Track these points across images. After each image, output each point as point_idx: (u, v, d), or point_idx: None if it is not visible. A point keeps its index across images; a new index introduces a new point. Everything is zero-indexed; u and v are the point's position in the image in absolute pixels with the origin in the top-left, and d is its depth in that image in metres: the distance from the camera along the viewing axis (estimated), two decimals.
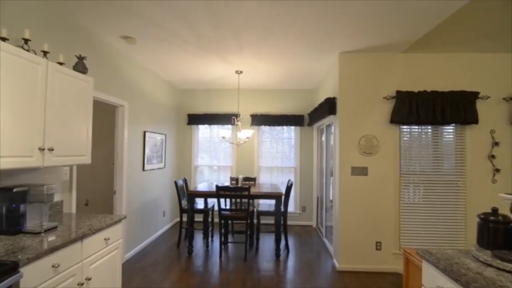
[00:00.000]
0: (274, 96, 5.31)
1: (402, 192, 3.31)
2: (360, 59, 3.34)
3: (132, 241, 3.65)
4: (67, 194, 2.49)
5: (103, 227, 2.01)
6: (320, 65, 3.85)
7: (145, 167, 3.97)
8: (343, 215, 3.30)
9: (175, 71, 4.22)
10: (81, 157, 2.22)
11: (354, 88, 3.32)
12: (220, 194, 3.52)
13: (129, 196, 3.59)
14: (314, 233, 4.79)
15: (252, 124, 5.20)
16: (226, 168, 5.39)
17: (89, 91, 2.29)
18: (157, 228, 4.46)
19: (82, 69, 2.28)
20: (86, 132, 2.27)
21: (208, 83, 4.94)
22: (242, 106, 5.32)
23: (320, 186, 4.95)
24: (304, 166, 5.26)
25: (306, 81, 4.72)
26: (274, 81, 4.77)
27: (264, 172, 5.32)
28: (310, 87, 5.18)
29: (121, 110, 3.43)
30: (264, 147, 5.34)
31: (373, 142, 3.28)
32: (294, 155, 5.31)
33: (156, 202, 4.43)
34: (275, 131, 5.35)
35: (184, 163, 5.41)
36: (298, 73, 4.25)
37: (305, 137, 5.27)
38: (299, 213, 5.26)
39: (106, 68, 3.06)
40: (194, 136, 5.43)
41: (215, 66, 3.92)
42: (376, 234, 3.28)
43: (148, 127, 4.10)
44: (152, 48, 3.29)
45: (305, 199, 5.26)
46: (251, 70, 4.13)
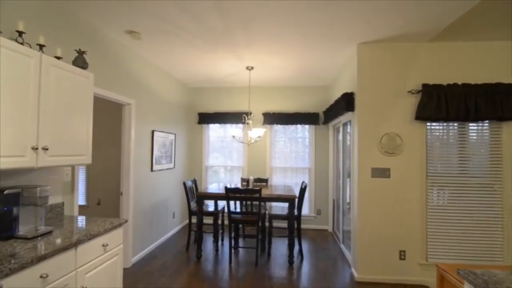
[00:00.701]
0: (287, 93, 5.07)
1: (429, 196, 2.99)
2: (381, 50, 3.05)
3: (140, 244, 3.54)
4: (68, 195, 2.38)
5: (100, 233, 1.87)
6: (336, 59, 3.59)
7: (153, 168, 3.85)
8: (362, 220, 3.02)
9: (184, 68, 4.09)
10: (80, 157, 2.09)
11: (375, 81, 3.04)
12: (230, 196, 3.34)
13: (137, 197, 3.47)
14: (330, 238, 4.51)
15: (264, 123, 4.99)
16: (237, 169, 5.21)
17: (89, 87, 2.17)
18: (167, 230, 4.34)
19: (82, 64, 2.16)
20: (86, 130, 2.15)
21: (219, 80, 4.78)
22: (254, 104, 5.13)
23: (337, 188, 4.67)
24: (319, 166, 4.99)
25: (321, 76, 4.46)
26: (287, 78, 4.54)
27: (277, 173, 5.10)
28: (325, 84, 4.91)
29: (127, 108, 3.33)
30: (277, 146, 5.12)
31: (396, 141, 2.99)
32: (308, 155, 5.05)
33: (166, 204, 4.32)
34: (288, 130, 5.12)
35: (194, 163, 5.28)
36: (312, 68, 4.00)
37: (320, 136, 5.00)
38: (314, 217, 5.00)
39: (111, 65, 2.95)
40: (205, 135, 5.29)
41: (224, 61, 3.75)
42: (399, 242, 2.99)
43: (157, 126, 3.99)
44: (158, 43, 3.16)
45: (320, 201, 4.99)
46: (262, 66, 3.93)
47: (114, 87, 3.02)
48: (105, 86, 2.85)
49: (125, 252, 3.27)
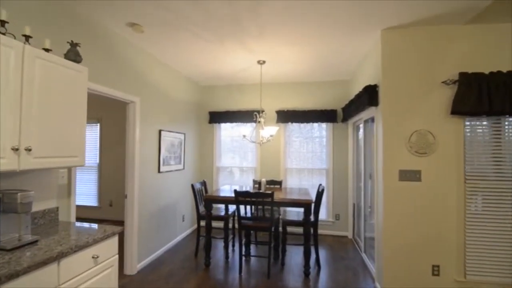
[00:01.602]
0: (302, 89, 4.75)
1: (468, 202, 2.58)
2: (409, 36, 2.68)
3: (146, 249, 3.36)
4: (64, 199, 2.22)
5: (89, 243, 1.67)
6: (357, 49, 3.24)
7: (161, 169, 3.67)
8: (388, 229, 2.66)
9: (192, 64, 3.88)
10: (72, 158, 1.91)
11: (402, 72, 2.67)
12: (240, 200, 3.08)
13: (143, 200, 3.30)
14: (350, 246, 4.14)
15: (277, 121, 4.70)
16: (250, 170, 4.95)
17: (82, 82, 1.98)
18: (176, 234, 4.16)
19: (74, 57, 1.98)
20: (79, 129, 1.97)
21: (229, 77, 4.54)
22: (267, 101, 4.84)
23: (357, 191, 4.29)
24: (338, 168, 4.62)
25: (339, 70, 4.11)
26: (302, 72, 4.23)
27: (291, 175, 4.78)
28: (343, 78, 4.54)
29: (132, 106, 3.16)
30: (292, 146, 4.81)
31: (428, 139, 2.61)
32: (326, 156, 4.70)
33: (175, 206, 4.14)
34: (304, 129, 4.79)
35: (205, 164, 5.08)
36: (329, 61, 3.67)
37: (338, 134, 4.63)
38: (332, 222, 4.64)
39: (113, 60, 2.79)
40: (216, 135, 5.07)
41: (234, 55, 3.50)
42: (432, 255, 2.60)
43: (165, 125, 3.81)
44: (162, 37, 2.96)
45: (338, 205, 4.63)
46: (274, 59, 3.64)
47: (117, 84, 2.85)
48: (106, 83, 2.69)
49: (129, 259, 3.11)
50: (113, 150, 5.50)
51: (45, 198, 2.04)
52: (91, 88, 2.48)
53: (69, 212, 2.25)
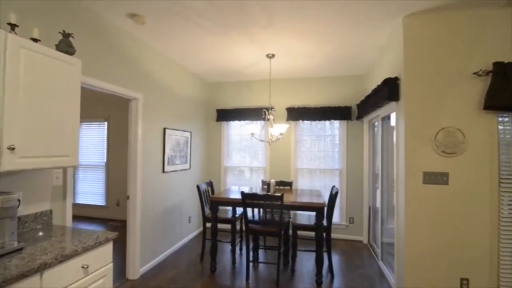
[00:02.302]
0: (313, 85, 4.50)
1: (503, 209, 2.28)
2: (434, 23, 2.40)
3: (150, 253, 3.22)
4: (59, 202, 2.09)
5: (77, 252, 1.51)
6: (374, 40, 2.97)
7: (165, 169, 3.53)
8: (410, 237, 2.40)
9: (198, 59, 3.71)
10: (63, 158, 1.76)
11: (427, 62, 2.40)
12: (247, 203, 2.89)
13: (146, 201, 3.16)
14: (365, 252, 3.88)
15: (288, 119, 4.48)
16: (259, 170, 4.75)
17: (74, 76, 1.84)
18: (182, 236, 4.01)
19: (67, 48, 1.83)
20: (71, 127, 1.82)
21: (237, 73, 4.35)
22: (276, 98, 4.62)
23: (373, 193, 4.02)
24: (352, 168, 4.35)
25: (355, 64, 3.84)
26: (314, 67, 3.98)
27: (302, 175, 4.55)
28: (359, 73, 4.26)
29: (134, 103, 3.01)
30: (303, 145, 4.57)
31: (457, 137, 2.33)
32: (339, 155, 4.44)
33: (181, 208, 3.99)
34: (316, 127, 4.54)
35: (213, 164, 4.92)
36: (344, 54, 3.41)
37: (353, 133, 4.36)
38: (345, 225, 4.38)
39: (112, 54, 2.64)
40: (223, 133, 4.90)
41: (242, 48, 3.30)
42: (460, 267, 2.32)
43: (169, 123, 3.65)
44: (165, 29, 2.79)
45: (353, 208, 4.36)
46: (284, 53, 3.42)
47: (118, 80, 2.71)
48: (106, 79, 2.54)
49: (132, 263, 2.97)
50: (121, 149, 5.42)
51: (37, 200, 1.90)
52: (89, 84, 2.34)
53: (64, 215, 2.12)
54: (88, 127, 5.71)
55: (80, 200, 5.72)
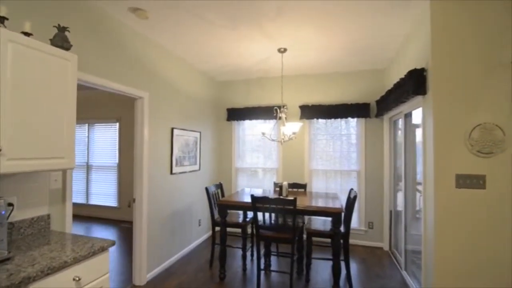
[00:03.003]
0: (328, 81, 4.25)
1: None
2: (468, 4, 2.11)
3: (157, 257, 3.10)
4: (58, 206, 1.98)
5: (68, 263, 1.38)
6: (396, 28, 2.71)
7: (173, 170, 3.40)
8: (442, 247, 2.12)
9: (206, 55, 3.56)
10: (57, 160, 1.64)
11: (459, 50, 2.12)
12: (257, 207, 2.70)
13: (153, 204, 3.04)
14: (386, 260, 3.59)
15: (301, 117, 4.25)
16: (271, 171, 4.55)
17: (70, 72, 1.72)
18: (191, 240, 3.88)
19: (62, 43, 1.72)
20: (67, 126, 1.70)
21: (248, 70, 4.17)
22: (289, 96, 4.41)
23: (394, 196, 3.72)
24: (371, 169, 4.06)
25: (374, 57, 3.56)
26: (328, 61, 3.73)
27: (317, 177, 4.30)
28: (378, 67, 3.97)
29: (139, 102, 2.90)
30: (318, 145, 4.33)
31: (496, 135, 2.03)
32: (356, 155, 4.16)
33: (190, 210, 3.86)
34: (331, 125, 4.28)
35: (223, 165, 4.76)
36: (362, 46, 3.15)
37: (372, 131, 4.07)
38: (364, 231, 4.10)
39: (115, 50, 2.53)
40: (234, 133, 4.73)
41: (251, 43, 3.11)
42: (499, 282, 2.02)
43: (177, 123, 3.53)
44: (170, 24, 2.66)
45: (372, 212, 4.07)
46: (297, 47, 3.20)
47: (121, 78, 2.60)
48: (108, 76, 2.43)
49: (138, 268, 2.85)
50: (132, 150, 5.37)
51: (33, 204, 1.80)
52: (89, 82, 2.24)
53: (63, 220, 2.01)
54: (100, 128, 5.72)
55: (94, 201, 5.74)
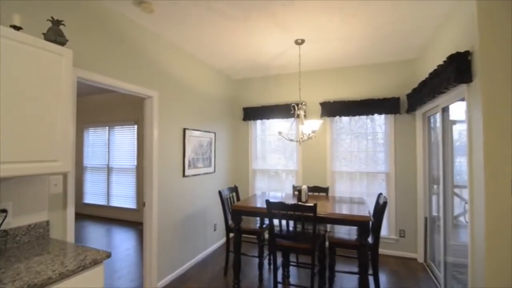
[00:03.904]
0: (352, 75, 3.90)
1: None
2: None
3: (169, 264, 2.95)
4: (58, 212, 1.87)
5: (53, 280, 1.22)
6: (431, 9, 2.34)
7: (186, 172, 3.25)
8: (494, 261, 1.75)
9: (217, 51, 3.37)
10: (51, 163, 1.51)
11: None
12: (273, 213, 2.45)
13: (164, 208, 2.90)
14: (421, 274, 3.17)
15: (322, 115, 3.94)
16: (291, 173, 4.27)
17: (64, 69, 1.59)
18: (206, 246, 3.71)
19: (55, 37, 1.59)
20: (61, 127, 1.57)
21: (264, 67, 3.94)
22: (308, 92, 4.11)
23: (429, 201, 3.30)
24: (402, 171, 3.66)
25: (403, 46, 3.18)
26: (351, 53, 3.40)
27: (340, 180, 3.96)
28: (408, 57, 3.57)
29: (148, 102, 2.77)
30: (341, 145, 3.99)
31: None
32: (385, 156, 3.77)
33: (204, 214, 3.69)
34: (355, 123, 3.92)
35: (239, 166, 4.56)
36: (390, 33, 2.80)
37: (402, 129, 3.66)
38: (395, 239, 3.69)
39: (120, 47, 2.41)
40: (251, 133, 4.52)
41: (266, 35, 2.88)
42: None
43: (190, 123, 3.38)
44: (177, 18, 2.50)
45: (404, 219, 3.66)
46: (316, 37, 2.92)
47: (130, 77, 2.48)
48: (112, 74, 2.32)
49: (148, 276, 2.72)
50: None
51: (30, 210, 1.70)
52: (93, 80, 2.13)
53: (64, 226, 1.90)
54: (119, 131, 5.77)
55: (114, 203, 5.80)
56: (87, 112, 6.18)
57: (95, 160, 6.06)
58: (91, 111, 6.13)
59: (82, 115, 6.25)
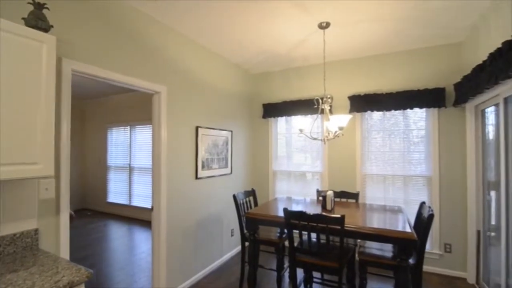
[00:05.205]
0: (384, 63, 3.41)
1: None
2: None
3: (179, 274, 2.72)
4: (50, 219, 1.69)
5: None
6: None
7: (199, 174, 3.01)
8: None
9: (233, 41, 3.08)
10: (30, 166, 1.32)
11: None
12: (291, 223, 2.11)
13: (175, 213, 2.68)
14: None
15: (351, 110, 3.50)
16: (316, 175, 3.87)
17: (44, 58, 1.38)
18: (222, 253, 3.45)
19: (35, 21, 1.39)
20: (41, 126, 1.36)
21: (285, 58, 3.58)
22: (334, 85, 3.68)
23: (483, 210, 2.75)
24: (448, 175, 3.11)
25: (448, 27, 2.66)
26: (384, 37, 2.93)
27: (372, 184, 3.48)
28: (454, 39, 3.01)
29: (156, 98, 2.56)
30: (372, 144, 3.51)
31: None
32: (426, 157, 3.24)
33: (220, 219, 3.43)
34: (390, 119, 3.43)
35: (259, 168, 4.24)
36: (430, 12, 2.32)
37: (448, 125, 3.12)
38: (438, 255, 3.16)
39: (126, 40, 2.21)
40: (271, 132, 4.18)
41: (284, 19, 2.54)
42: None
43: (203, 121, 3.13)
44: (186, 5, 2.24)
45: (450, 231, 3.11)
46: (342, 19, 2.52)
47: (134, 71, 2.27)
48: (118, 69, 2.12)
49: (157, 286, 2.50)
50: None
51: (15, 218, 1.52)
52: (96, 75, 1.94)
53: (57, 235, 1.72)
54: (141, 130, 5.74)
55: (135, 203, 5.79)
56: (111, 111, 6.24)
57: (118, 159, 6.10)
58: (114, 110, 6.19)
59: (106, 114, 6.33)
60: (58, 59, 1.72)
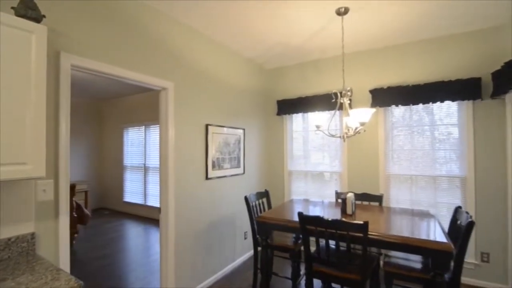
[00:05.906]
0: (410, 53, 3.10)
1: None
2: None
3: (189, 279, 2.60)
4: (48, 222, 1.60)
5: None
6: None
7: (209, 175, 2.87)
8: None
9: (244, 33, 2.90)
10: (17, 166, 1.21)
11: None
12: (307, 229, 1.91)
13: (183, 215, 2.56)
14: None
15: (373, 105, 3.23)
16: (334, 175, 3.62)
17: (33, 49, 1.28)
18: (234, 256, 3.30)
19: (25, 11, 1.29)
20: (31, 123, 1.26)
21: (300, 51, 3.37)
22: (354, 78, 3.42)
23: None
24: (485, 176, 2.77)
25: (483, 10, 2.33)
26: (410, 23, 2.65)
27: (397, 185, 3.19)
28: (490, 23, 2.67)
29: (163, 95, 2.44)
30: (396, 142, 3.22)
31: None
32: (459, 155, 2.91)
33: (233, 221, 3.28)
34: (417, 114, 3.12)
35: (273, 167, 4.05)
36: None
37: (484, 120, 2.78)
38: (474, 264, 2.82)
39: (131, 34, 2.10)
40: (286, 130, 3.98)
41: (299, 5, 2.33)
42: None
43: (214, 119, 2.99)
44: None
45: (487, 238, 2.77)
46: (363, 2, 2.27)
47: (139, 66, 2.16)
48: (122, 64, 2.01)
49: None
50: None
51: (10, 221, 1.44)
52: (93, 69, 1.84)
53: (56, 239, 1.62)
54: (155, 130, 5.72)
55: (150, 203, 5.78)
56: (126, 112, 6.29)
57: (134, 159, 6.13)
58: (129, 110, 6.22)
59: (121, 115, 6.39)
60: (55, 53, 1.63)
